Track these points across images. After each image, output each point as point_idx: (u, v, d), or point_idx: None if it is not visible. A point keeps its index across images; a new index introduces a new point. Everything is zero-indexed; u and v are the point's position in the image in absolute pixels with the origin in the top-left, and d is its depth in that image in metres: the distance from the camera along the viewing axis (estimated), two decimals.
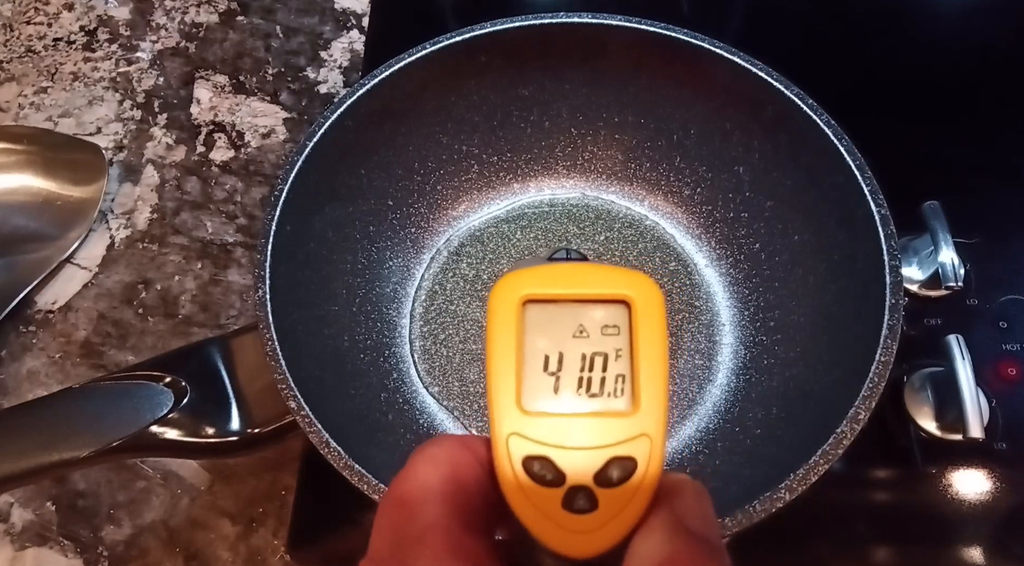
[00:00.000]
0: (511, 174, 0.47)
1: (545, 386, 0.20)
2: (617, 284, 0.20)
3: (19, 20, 0.58)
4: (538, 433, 0.19)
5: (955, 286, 0.40)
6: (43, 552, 0.42)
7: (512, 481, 0.19)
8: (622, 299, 0.20)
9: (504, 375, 0.19)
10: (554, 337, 0.20)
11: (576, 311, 0.20)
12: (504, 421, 0.19)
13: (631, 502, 0.18)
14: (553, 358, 0.20)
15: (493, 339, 0.20)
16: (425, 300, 0.44)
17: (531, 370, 0.20)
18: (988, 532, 0.39)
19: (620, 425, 0.19)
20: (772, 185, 0.41)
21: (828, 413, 0.32)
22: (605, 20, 0.40)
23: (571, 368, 0.20)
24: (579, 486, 0.19)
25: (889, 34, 0.54)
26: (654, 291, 0.20)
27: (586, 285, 0.20)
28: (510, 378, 0.19)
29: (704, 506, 0.19)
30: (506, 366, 0.20)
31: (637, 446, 0.19)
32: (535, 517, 0.19)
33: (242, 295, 0.48)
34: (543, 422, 0.19)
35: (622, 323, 0.20)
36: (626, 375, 0.20)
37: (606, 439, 0.19)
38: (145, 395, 0.34)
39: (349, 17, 0.58)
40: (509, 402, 0.19)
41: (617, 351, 0.20)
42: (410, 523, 0.18)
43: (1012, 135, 0.49)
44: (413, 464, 0.19)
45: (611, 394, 0.19)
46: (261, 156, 0.53)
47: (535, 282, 0.20)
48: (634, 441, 0.19)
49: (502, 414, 0.19)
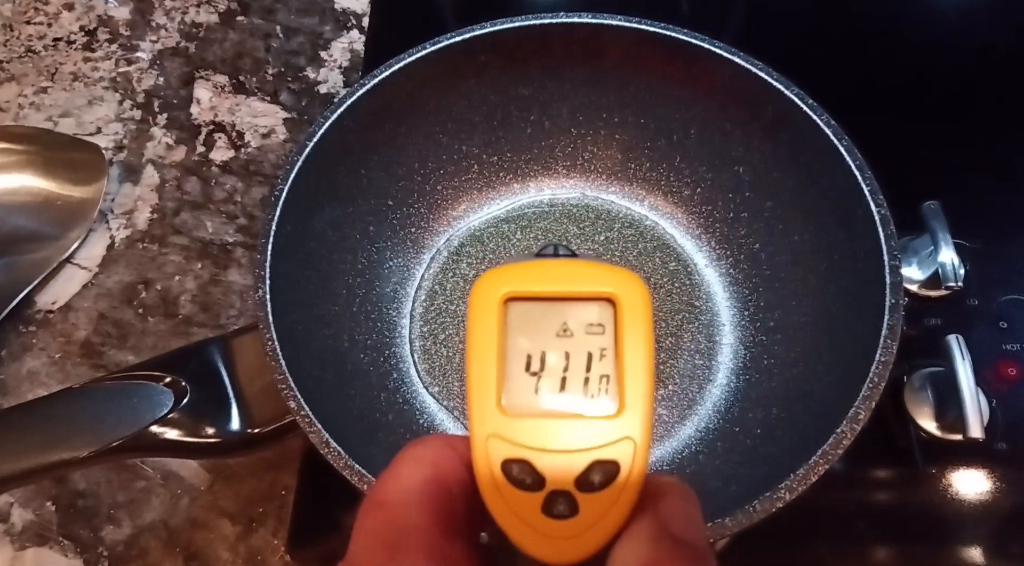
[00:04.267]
0: (511, 174, 0.47)
1: (526, 387, 0.19)
2: (602, 281, 0.19)
3: (19, 20, 0.58)
4: (518, 435, 0.18)
5: (955, 286, 0.40)
6: (43, 552, 0.42)
7: (491, 485, 0.18)
8: (607, 297, 0.19)
9: (484, 375, 0.19)
10: (536, 336, 0.19)
11: (559, 309, 0.19)
12: (483, 423, 0.18)
13: (613, 507, 0.18)
14: (535, 358, 0.19)
15: (473, 338, 0.19)
16: (425, 300, 0.44)
17: (512, 370, 0.19)
18: (988, 532, 0.39)
19: (603, 428, 0.18)
20: (772, 185, 0.41)
21: (828, 413, 0.32)
22: (605, 20, 0.40)
23: (554, 368, 0.19)
24: (559, 491, 0.18)
25: (889, 34, 0.54)
26: (640, 289, 0.19)
27: (570, 282, 0.20)
28: (490, 378, 0.19)
29: (690, 509, 0.18)
30: (486, 366, 0.19)
31: (620, 449, 0.18)
32: (514, 522, 0.18)
33: (242, 295, 0.48)
34: (523, 424, 0.18)
35: (607, 322, 0.19)
36: (610, 375, 0.19)
37: (588, 442, 0.18)
38: (145, 395, 0.34)
39: (349, 17, 0.58)
40: (489, 403, 0.19)
41: (601, 350, 0.19)
42: (388, 526, 0.18)
43: (1012, 135, 0.49)
44: (395, 465, 0.19)
45: (594, 395, 0.19)
46: (261, 156, 0.53)
47: (517, 279, 0.20)
48: (617, 444, 0.18)
49: (481, 415, 0.19)
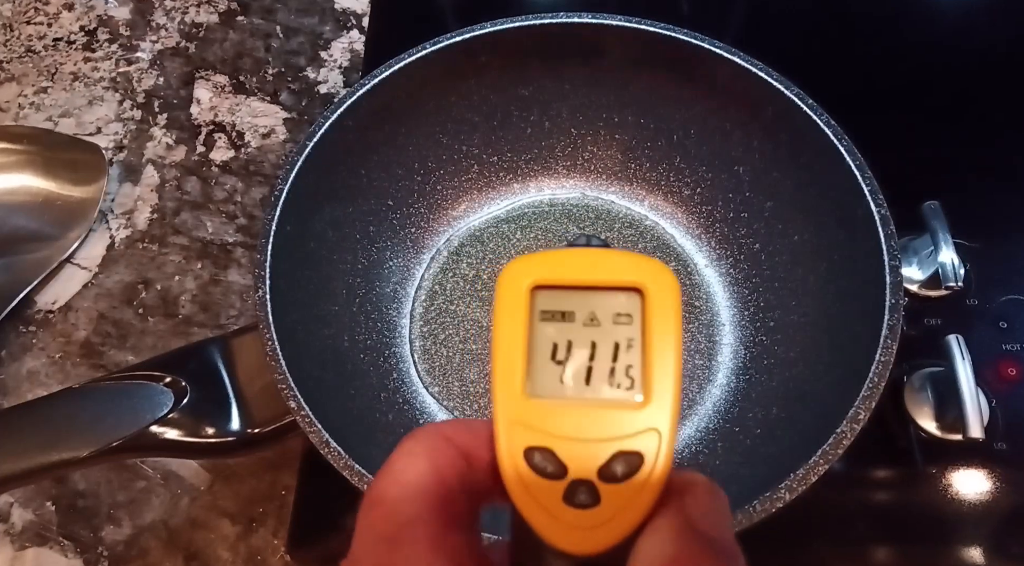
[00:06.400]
0: (511, 174, 0.47)
1: (551, 375, 0.19)
2: (631, 271, 0.19)
3: (19, 20, 0.58)
4: (541, 422, 0.18)
5: (955, 286, 0.40)
6: (43, 552, 0.42)
7: (513, 472, 0.18)
8: (635, 287, 0.19)
9: (510, 362, 0.19)
10: (563, 325, 0.19)
11: (587, 298, 0.19)
12: (507, 409, 0.18)
13: (636, 499, 0.18)
14: (561, 346, 0.19)
15: (499, 325, 0.19)
16: (425, 300, 0.44)
17: (538, 358, 0.19)
18: (988, 532, 0.39)
19: (627, 418, 0.18)
20: (772, 185, 0.41)
21: (828, 413, 0.32)
22: (605, 20, 0.40)
23: (579, 357, 0.19)
24: (581, 480, 0.18)
25: (889, 34, 0.54)
26: (669, 279, 0.19)
27: (598, 272, 0.19)
28: (517, 365, 0.19)
29: (717, 506, 0.18)
30: (512, 353, 0.19)
31: (645, 440, 0.18)
32: (535, 510, 0.18)
33: (242, 295, 0.48)
34: (547, 411, 0.18)
35: (635, 312, 0.19)
36: (637, 366, 0.19)
37: (612, 432, 0.18)
38: (145, 395, 0.34)
39: (349, 17, 0.58)
40: (514, 390, 0.18)
41: (629, 341, 0.19)
42: (387, 521, 0.18)
43: (1012, 135, 0.49)
44: (391, 460, 0.19)
45: (620, 385, 0.19)
46: (261, 156, 0.53)
47: (545, 267, 0.19)
48: (642, 435, 0.18)
49: (505, 402, 0.18)
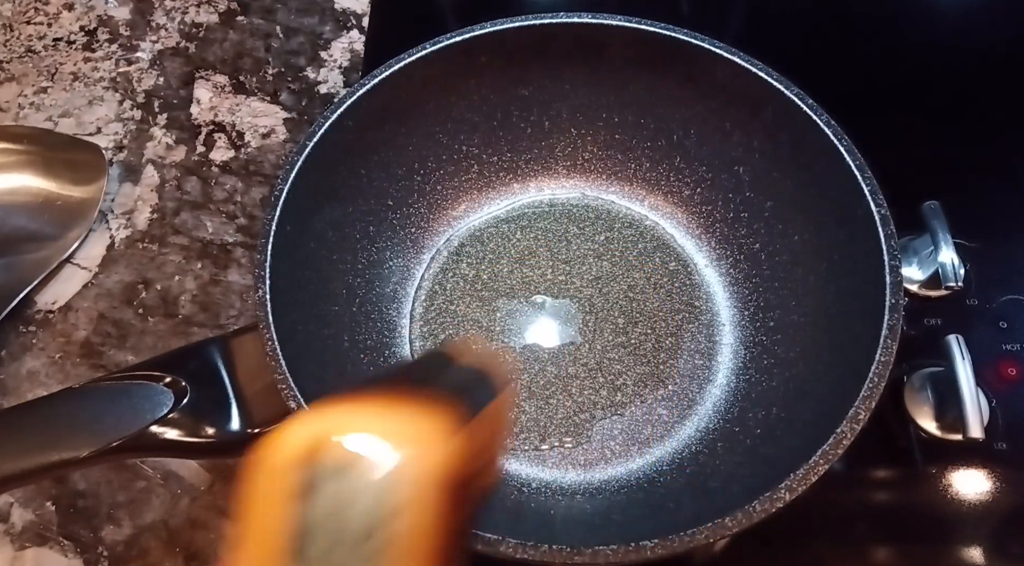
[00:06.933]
0: (511, 174, 0.47)
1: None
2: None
3: (19, 20, 0.58)
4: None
5: (955, 286, 0.40)
6: (43, 552, 0.42)
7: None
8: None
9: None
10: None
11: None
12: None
13: None
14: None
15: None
16: (425, 300, 0.44)
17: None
18: (988, 532, 0.39)
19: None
20: (772, 185, 0.41)
21: (828, 413, 0.32)
22: (605, 20, 0.40)
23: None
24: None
25: (889, 34, 0.54)
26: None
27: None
28: None
29: None
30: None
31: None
32: None
33: (242, 295, 0.48)
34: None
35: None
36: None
37: None
38: (145, 395, 0.34)
39: (349, 17, 0.58)
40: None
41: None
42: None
43: (1012, 135, 0.49)
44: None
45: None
46: (261, 156, 0.53)
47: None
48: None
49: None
